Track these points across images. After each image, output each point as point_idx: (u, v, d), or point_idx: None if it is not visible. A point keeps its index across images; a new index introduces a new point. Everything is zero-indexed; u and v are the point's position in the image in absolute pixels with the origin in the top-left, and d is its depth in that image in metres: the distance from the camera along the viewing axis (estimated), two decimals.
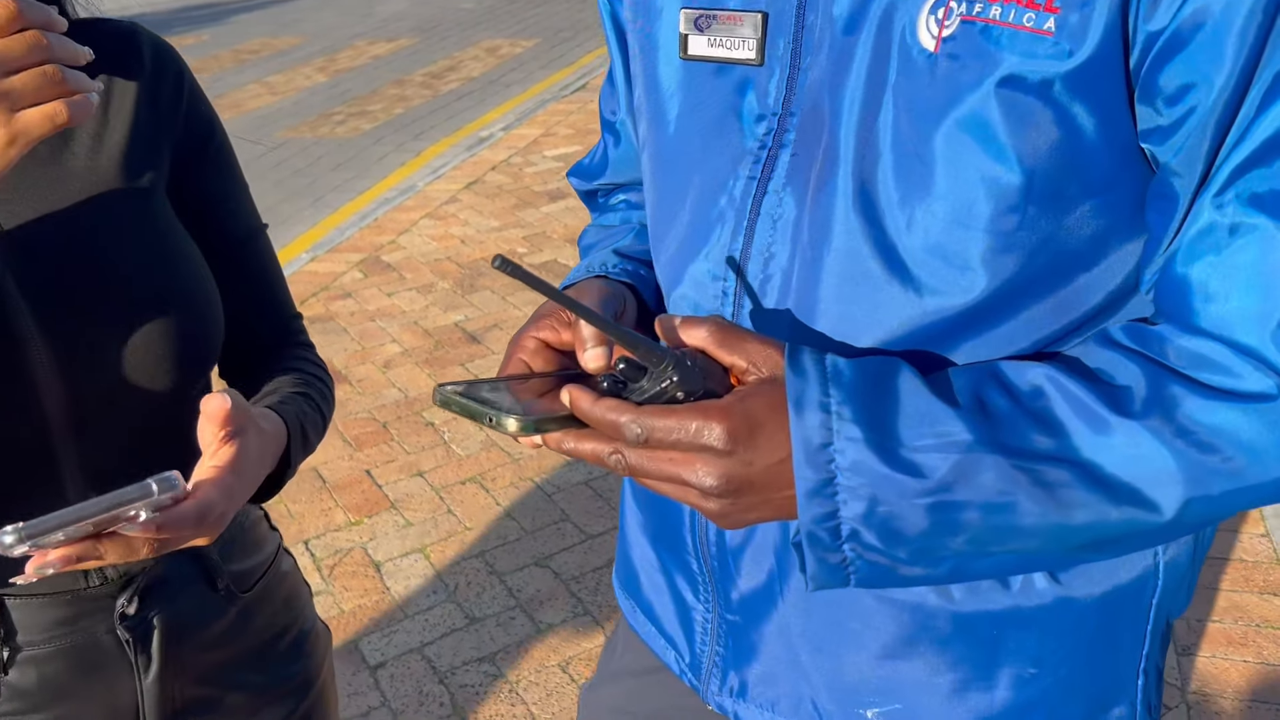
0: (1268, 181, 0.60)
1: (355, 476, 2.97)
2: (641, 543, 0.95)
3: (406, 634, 2.38)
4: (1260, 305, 0.60)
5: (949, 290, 0.68)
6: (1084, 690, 0.80)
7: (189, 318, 0.88)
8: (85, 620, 0.91)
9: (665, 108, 0.80)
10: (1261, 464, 0.61)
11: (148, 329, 0.85)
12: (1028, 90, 0.62)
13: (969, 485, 0.61)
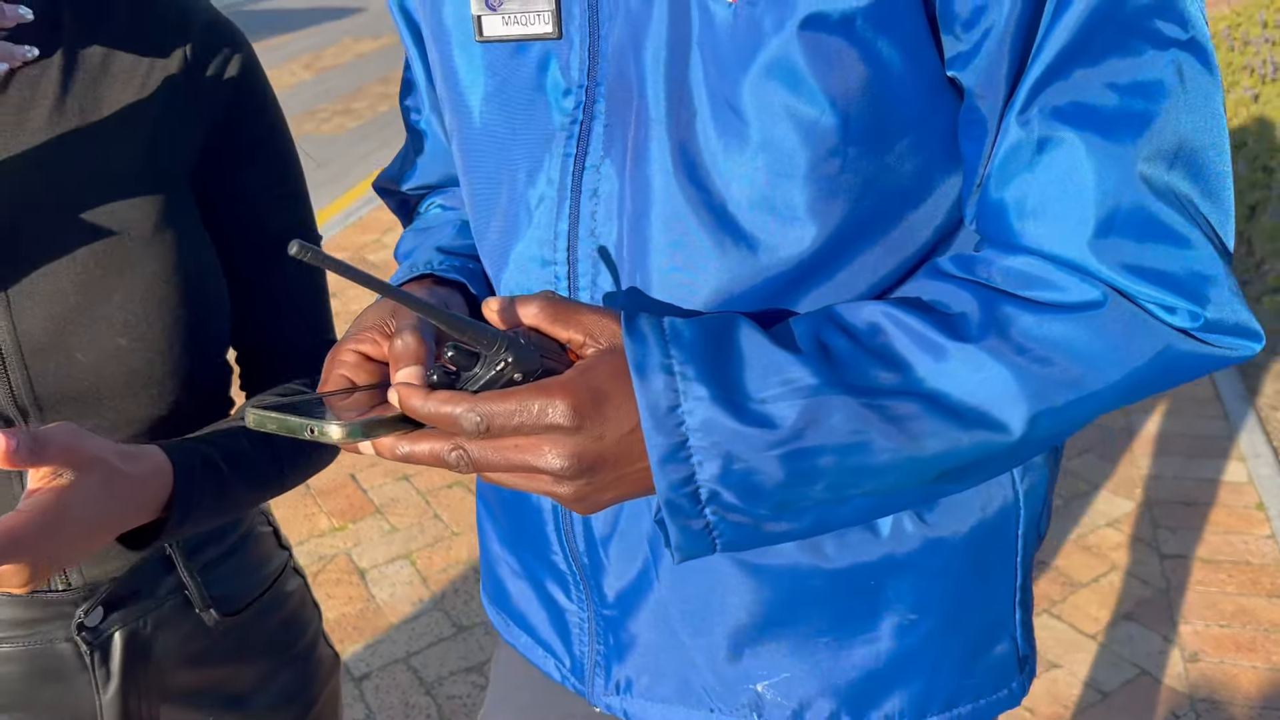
0: (1067, 94, 0.60)
1: (340, 481, 2.90)
2: (502, 552, 0.90)
3: (392, 643, 2.31)
4: (1075, 216, 0.60)
5: (781, 243, 0.66)
6: (966, 630, 0.79)
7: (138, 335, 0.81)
8: (44, 625, 0.86)
9: (467, 95, 0.75)
10: (1098, 370, 0.61)
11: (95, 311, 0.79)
12: (830, 29, 0.60)
13: (820, 429, 0.60)
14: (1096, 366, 0.61)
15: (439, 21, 0.76)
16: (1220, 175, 0.62)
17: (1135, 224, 0.60)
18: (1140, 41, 0.60)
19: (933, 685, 0.79)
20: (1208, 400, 3.05)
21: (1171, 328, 0.61)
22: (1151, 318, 0.61)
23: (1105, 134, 0.60)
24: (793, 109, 0.63)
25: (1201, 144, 0.61)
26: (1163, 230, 0.61)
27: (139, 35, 0.84)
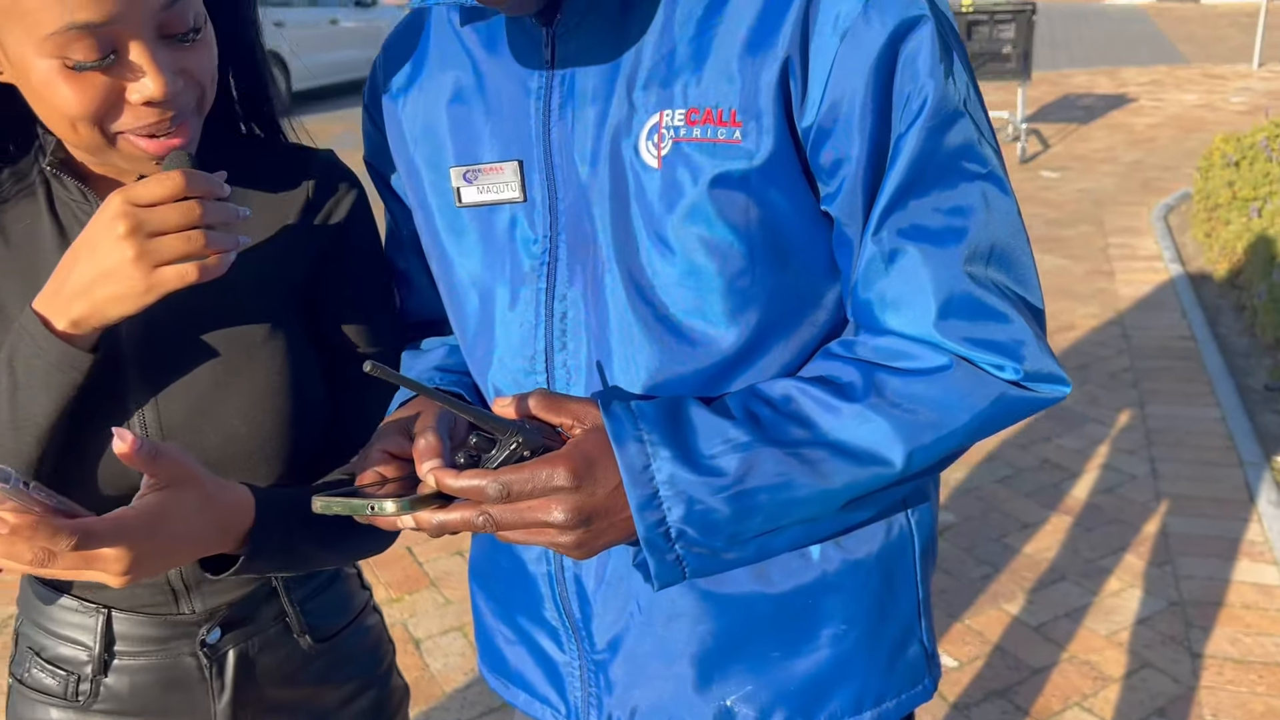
0: (906, 218, 0.79)
1: (397, 554, 3.03)
2: (496, 623, 1.06)
3: (444, 711, 2.42)
4: (921, 305, 0.80)
5: (711, 342, 0.85)
6: (885, 637, 0.96)
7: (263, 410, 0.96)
8: (173, 642, 1.01)
9: (450, 250, 0.95)
10: (952, 415, 0.79)
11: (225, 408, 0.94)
12: (732, 185, 0.80)
13: (755, 474, 0.77)
14: (951, 413, 0.79)
15: (422, 195, 0.95)
16: (1024, 263, 0.82)
17: (966, 308, 0.80)
18: (954, 177, 0.79)
19: (865, 685, 0.96)
20: (1241, 503, 3.11)
21: (1003, 380, 0.81)
22: (987, 374, 0.80)
23: (936, 244, 0.79)
24: (708, 242, 0.82)
25: (1008, 245, 0.81)
26: (987, 310, 0.80)
27: (271, 174, 1.00)
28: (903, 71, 0.77)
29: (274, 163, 1.01)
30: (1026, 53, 7.42)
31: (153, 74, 0.81)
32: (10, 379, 0.85)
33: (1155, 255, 5.39)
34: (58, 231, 0.93)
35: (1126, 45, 14.07)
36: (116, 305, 0.83)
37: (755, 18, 0.79)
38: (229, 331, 0.95)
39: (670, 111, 0.81)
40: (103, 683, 1.01)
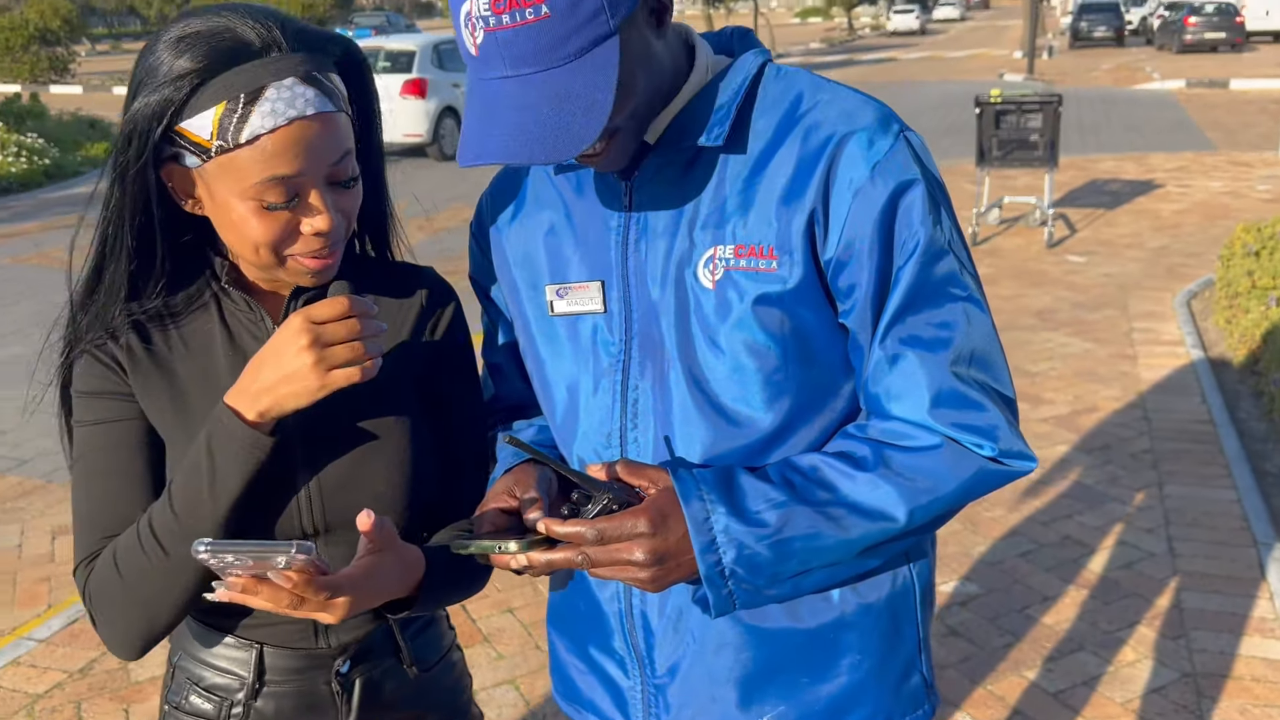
0: (904, 330, 1.04)
1: (451, 610, 3.23)
2: (570, 657, 1.29)
3: None
4: (917, 398, 1.03)
5: (753, 424, 1.09)
6: (892, 667, 1.18)
7: (398, 478, 1.19)
8: (311, 672, 1.22)
9: (544, 350, 1.19)
10: (943, 482, 1.03)
11: (371, 478, 1.18)
12: (769, 303, 1.05)
13: (791, 526, 1.01)
14: (942, 481, 1.03)
15: (521, 306, 1.21)
16: (998, 364, 1.07)
17: (953, 400, 1.03)
18: (941, 299, 1.04)
19: (876, 707, 1.16)
20: (1254, 581, 3.26)
21: (983, 456, 1.04)
22: (970, 451, 1.04)
23: (928, 350, 1.03)
24: (751, 345, 1.06)
25: (985, 350, 1.05)
26: (969, 402, 1.03)
27: (391, 289, 1.24)
28: (900, 220, 1.03)
29: (391, 279, 1.25)
30: (1053, 142, 7.68)
31: (323, 213, 1.06)
32: (209, 460, 1.07)
33: (1178, 340, 5.57)
34: (228, 337, 1.17)
35: (1155, 131, 14.33)
36: (294, 400, 1.05)
37: (789, 179, 1.05)
38: (368, 419, 1.18)
39: (723, 246, 1.07)
40: (253, 707, 1.21)
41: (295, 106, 1.01)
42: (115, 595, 1.10)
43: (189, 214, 1.11)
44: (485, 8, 0.94)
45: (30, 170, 12.31)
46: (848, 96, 1.08)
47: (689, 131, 1.07)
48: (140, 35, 64.38)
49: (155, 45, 1.04)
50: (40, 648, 3.18)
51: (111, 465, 1.13)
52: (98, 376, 1.14)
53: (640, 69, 1.00)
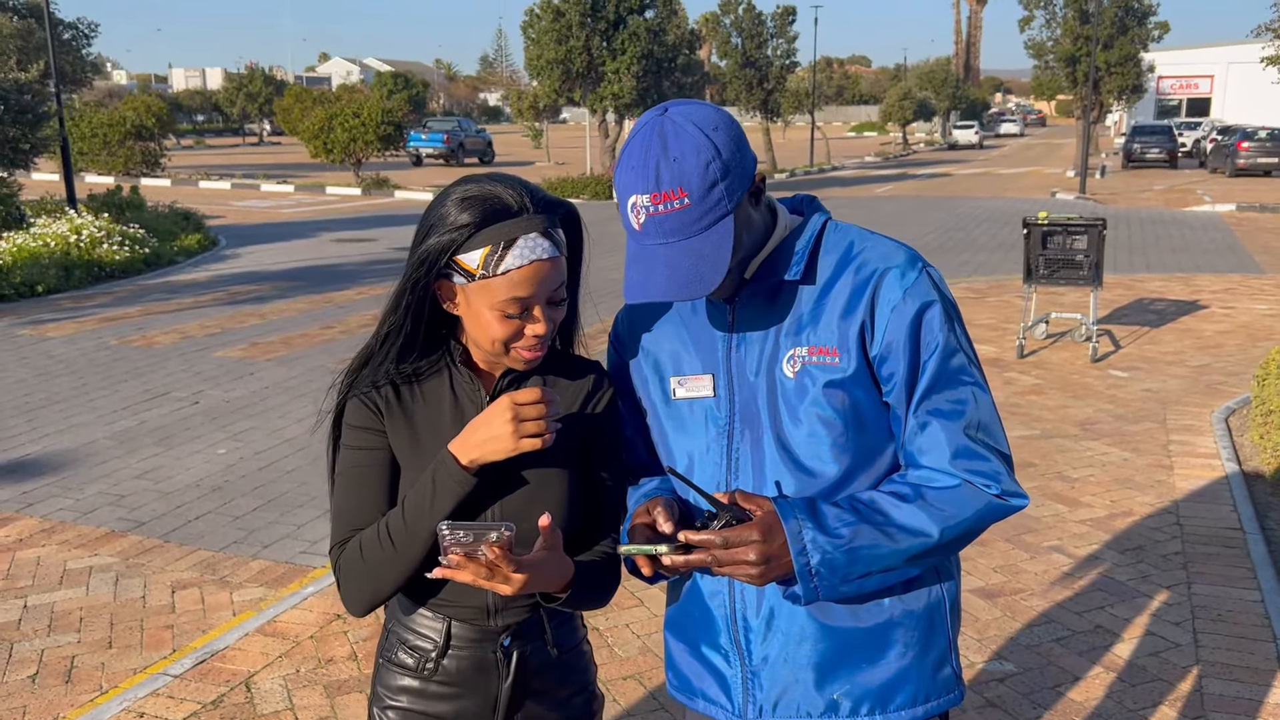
0: (929, 405, 1.49)
1: None
2: (684, 653, 1.68)
3: None
4: (940, 454, 1.48)
5: (823, 474, 1.52)
6: (929, 660, 1.58)
7: (556, 512, 1.60)
8: (483, 643, 1.65)
9: (669, 425, 1.64)
10: (962, 509, 1.46)
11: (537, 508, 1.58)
12: (834, 385, 1.50)
13: (858, 539, 1.42)
14: (962, 508, 1.46)
15: (649, 395, 1.67)
16: (997, 431, 1.50)
17: (966, 454, 1.47)
18: (955, 384, 1.49)
19: (918, 689, 1.58)
20: (1271, 672, 3.53)
21: (989, 494, 1.47)
22: (981, 490, 1.47)
23: (948, 419, 1.48)
24: (822, 418, 1.51)
25: (988, 421, 1.50)
26: (978, 455, 1.48)
27: (568, 373, 1.68)
28: (925, 328, 1.49)
29: (571, 366, 1.70)
30: (1098, 263, 8.08)
31: (542, 323, 1.53)
32: (433, 488, 1.53)
33: (1213, 453, 5.87)
34: (454, 400, 1.63)
35: (1203, 253, 14.66)
36: (494, 455, 1.51)
37: (846, 301, 1.52)
38: (539, 467, 1.61)
39: (800, 348, 1.52)
40: (441, 664, 1.65)
41: (535, 252, 1.50)
42: (357, 571, 1.56)
43: (442, 313, 1.59)
44: (647, 200, 1.42)
45: (132, 258, 13.17)
46: (885, 243, 1.56)
47: (775, 269, 1.55)
48: (222, 131, 67.40)
49: (444, 201, 1.53)
50: (175, 682, 3.60)
51: (363, 479, 1.60)
52: (364, 415, 1.61)
53: (745, 231, 1.50)
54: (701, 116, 1.44)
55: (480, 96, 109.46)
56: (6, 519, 5.18)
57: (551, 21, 24.75)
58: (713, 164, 1.41)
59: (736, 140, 1.45)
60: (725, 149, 1.42)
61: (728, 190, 1.43)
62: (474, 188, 1.53)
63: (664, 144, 1.41)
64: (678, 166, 1.40)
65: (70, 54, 29.40)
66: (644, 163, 1.41)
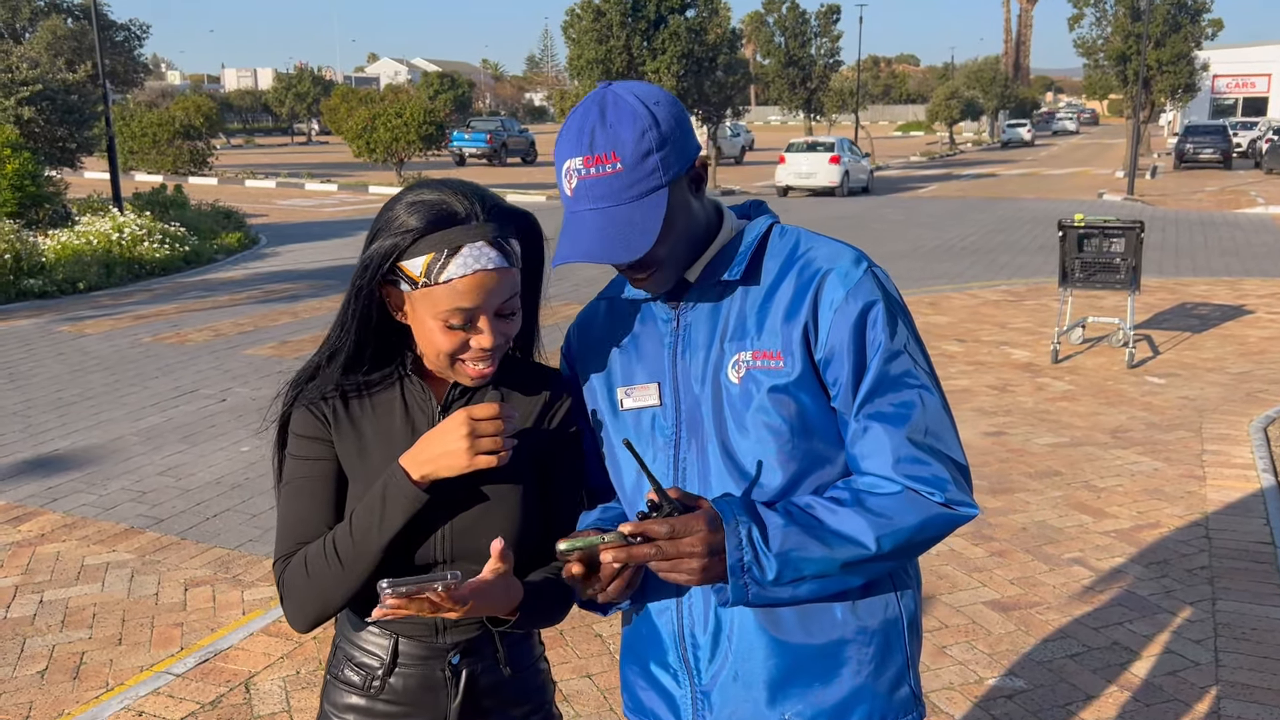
0: (872, 409, 1.43)
1: None
2: (636, 673, 1.63)
3: None
4: (882, 459, 1.42)
5: (770, 483, 1.46)
6: (885, 678, 1.52)
7: (509, 529, 1.56)
8: (431, 660, 1.60)
9: (614, 436, 1.60)
10: (903, 518, 1.39)
11: (490, 525, 1.55)
12: (779, 390, 1.45)
13: (789, 542, 1.36)
14: (901, 516, 1.39)
15: (597, 404, 1.62)
16: (948, 435, 1.43)
17: (909, 460, 1.41)
18: (900, 387, 1.43)
19: (872, 709, 1.49)
20: None
21: (934, 502, 1.40)
22: (924, 498, 1.40)
23: (890, 424, 1.42)
24: (768, 424, 1.45)
25: (937, 425, 1.43)
26: (921, 461, 1.40)
27: (525, 384, 1.63)
28: (868, 329, 1.43)
29: (527, 376, 1.65)
30: (1135, 266, 7.90)
31: (488, 335, 1.48)
32: (381, 504, 1.48)
33: (1249, 464, 5.69)
34: (404, 410, 1.58)
35: (1253, 256, 14.31)
36: (447, 470, 1.46)
37: (789, 302, 1.46)
38: (494, 483, 1.56)
39: (744, 352, 1.47)
40: (388, 682, 1.61)
41: (480, 261, 1.44)
42: (301, 587, 1.52)
43: (394, 321, 1.55)
44: (580, 164, 1.39)
45: (171, 256, 13.37)
46: (831, 243, 1.51)
47: (718, 270, 1.51)
48: (271, 131, 68.35)
49: (396, 204, 1.50)
50: (177, 681, 3.62)
51: (309, 491, 1.56)
52: (311, 424, 1.57)
53: (680, 214, 1.45)
54: (644, 90, 1.43)
55: (526, 97, 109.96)
56: (31, 514, 5.25)
57: (592, 21, 24.77)
58: (649, 133, 1.39)
59: (678, 119, 1.43)
60: (664, 122, 1.40)
61: (663, 162, 1.40)
62: (424, 192, 1.49)
63: (601, 111, 1.40)
64: (613, 132, 1.38)
65: (122, 55, 29.93)
66: (580, 129, 1.40)
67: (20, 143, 14.18)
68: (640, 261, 1.45)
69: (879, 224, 19.26)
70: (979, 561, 4.51)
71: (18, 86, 15.94)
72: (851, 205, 23.18)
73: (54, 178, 15.01)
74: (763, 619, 1.48)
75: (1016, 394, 7.26)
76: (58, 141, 16.23)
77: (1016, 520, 4.97)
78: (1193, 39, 32.74)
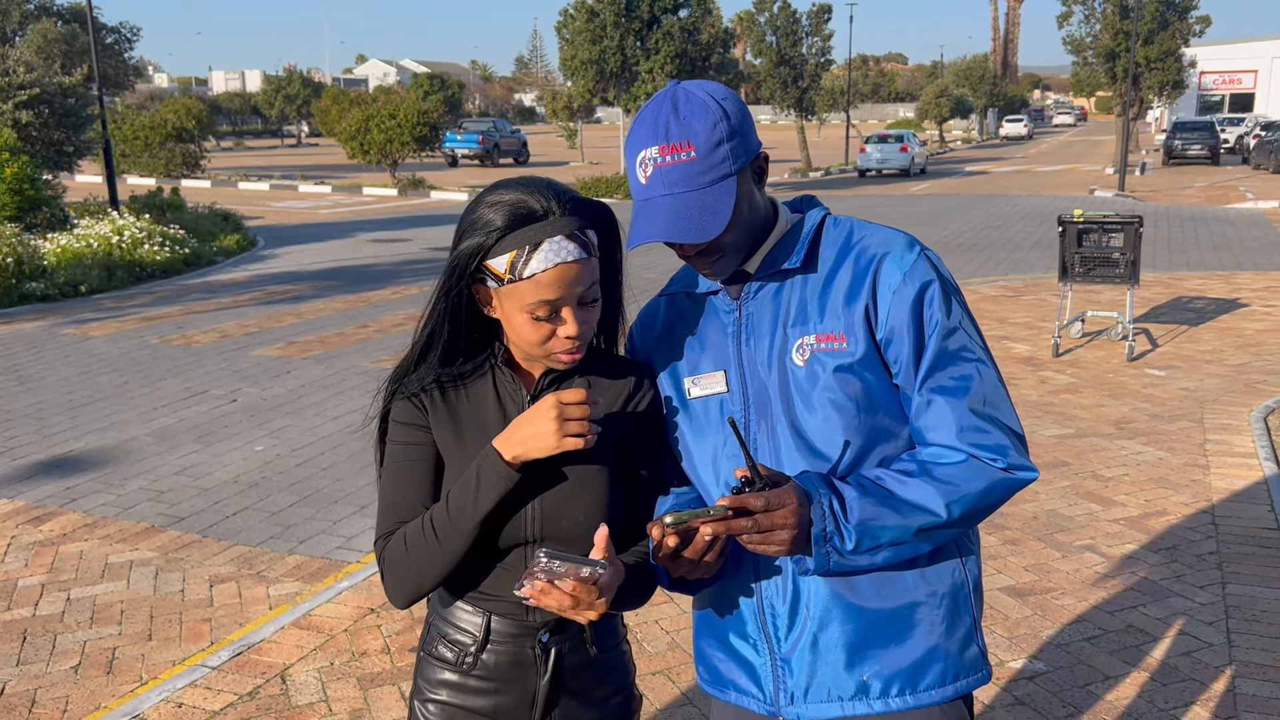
0: (933, 383, 1.51)
1: None
2: (714, 646, 1.70)
3: None
4: (946, 430, 1.50)
5: (836, 456, 1.54)
6: (955, 639, 1.60)
7: (595, 511, 1.62)
8: (522, 638, 1.67)
9: (686, 427, 1.67)
10: (969, 484, 1.47)
11: (577, 506, 1.62)
12: (844, 370, 1.53)
13: (864, 512, 1.44)
14: (968, 482, 1.47)
15: (668, 394, 1.69)
16: (1005, 406, 1.52)
17: (972, 429, 1.49)
18: (958, 362, 1.51)
19: (945, 668, 1.57)
20: None
21: (996, 468, 1.49)
22: (987, 464, 1.49)
23: (952, 396, 1.50)
24: (834, 402, 1.52)
25: (994, 396, 1.51)
26: (983, 430, 1.49)
27: (610, 373, 1.70)
28: (925, 308, 1.51)
29: (612, 367, 1.71)
30: (1134, 261, 8.00)
31: (573, 325, 1.55)
32: (476, 483, 1.55)
33: (1251, 453, 5.79)
34: (497, 399, 1.65)
35: (1244, 250, 14.45)
36: (537, 452, 1.52)
37: (848, 286, 1.54)
38: (580, 465, 1.63)
39: (808, 336, 1.55)
40: (480, 658, 1.67)
41: (560, 255, 1.51)
42: (401, 563, 1.59)
43: (482, 315, 1.62)
44: (655, 153, 1.48)
45: (172, 259, 13.38)
46: (883, 230, 1.59)
47: (778, 260, 1.59)
48: (261, 133, 68.19)
49: (477, 206, 1.56)
50: (213, 674, 3.68)
51: (409, 474, 1.63)
52: (410, 413, 1.65)
53: (745, 203, 1.53)
54: (712, 87, 1.52)
55: (515, 97, 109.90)
56: (51, 514, 5.30)
57: (586, 21, 24.82)
58: (720, 124, 1.47)
59: (744, 114, 1.51)
60: (733, 115, 1.49)
61: (733, 152, 1.48)
62: (503, 193, 1.56)
63: (675, 105, 1.49)
64: (686, 124, 1.47)
65: (113, 58, 29.88)
66: (654, 121, 1.49)
67: (19, 146, 14.19)
68: (708, 246, 1.53)
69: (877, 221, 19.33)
70: (994, 549, 4.60)
71: (15, 90, 15.93)
72: (849, 203, 23.26)
73: (52, 181, 15.00)
74: (839, 586, 1.56)
75: (1020, 387, 7.36)
76: (55, 145, 16.22)
77: (1028, 509, 5.06)
78: (1181, 36, 32.96)
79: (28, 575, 4.57)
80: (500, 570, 1.64)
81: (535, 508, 1.61)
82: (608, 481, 1.65)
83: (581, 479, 1.63)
